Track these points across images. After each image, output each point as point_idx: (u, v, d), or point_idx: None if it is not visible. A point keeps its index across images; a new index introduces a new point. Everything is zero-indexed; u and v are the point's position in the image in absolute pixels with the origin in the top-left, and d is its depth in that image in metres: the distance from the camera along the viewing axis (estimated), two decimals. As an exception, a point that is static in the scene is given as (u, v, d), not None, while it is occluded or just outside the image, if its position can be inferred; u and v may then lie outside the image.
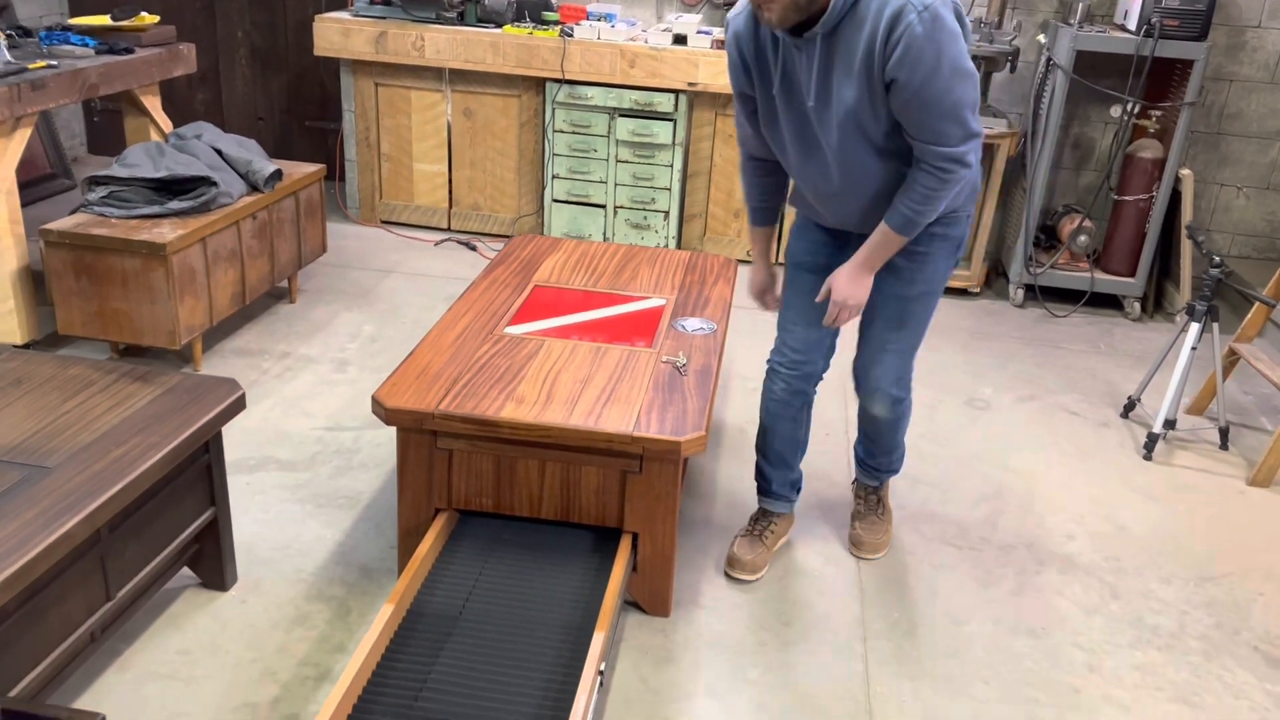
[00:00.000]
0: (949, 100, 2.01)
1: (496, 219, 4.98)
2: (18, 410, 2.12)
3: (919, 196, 2.13)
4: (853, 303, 2.30)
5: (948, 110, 2.02)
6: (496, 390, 2.36)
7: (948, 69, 1.98)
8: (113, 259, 3.16)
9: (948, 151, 2.06)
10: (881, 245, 2.23)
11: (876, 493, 2.78)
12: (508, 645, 2.05)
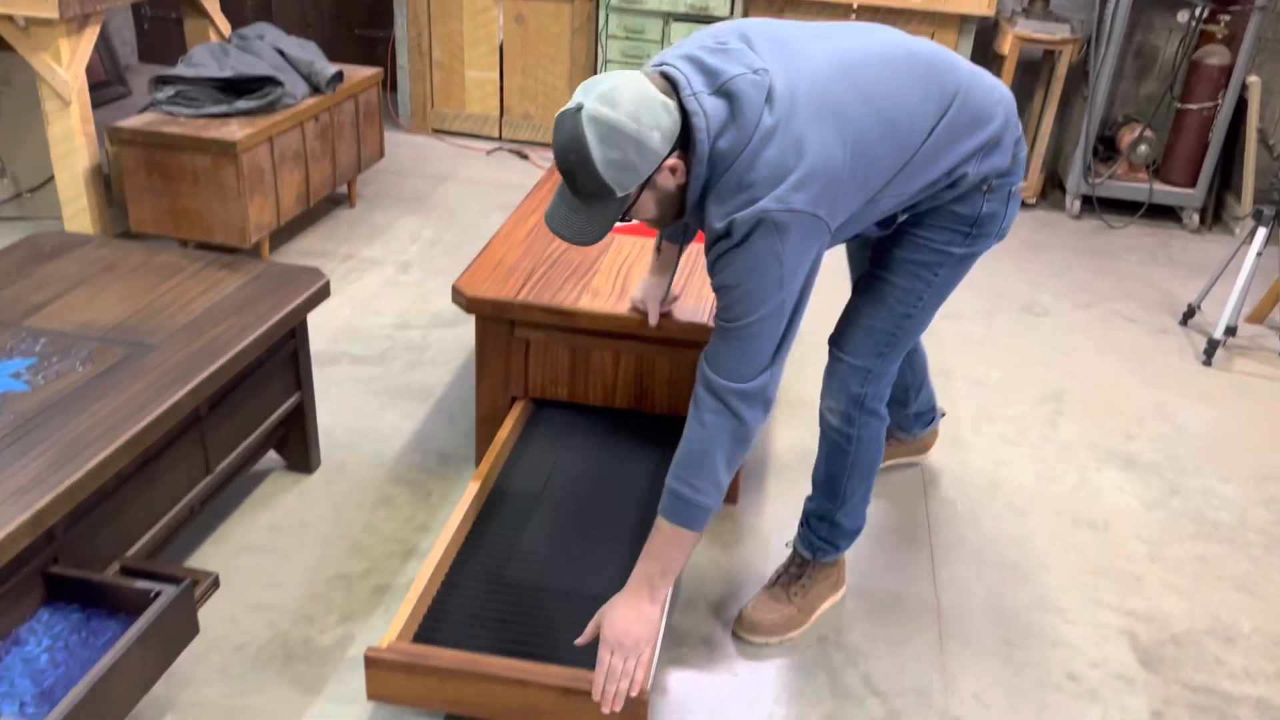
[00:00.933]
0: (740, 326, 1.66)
1: (548, 128, 4.97)
2: (114, 293, 2.18)
3: (679, 455, 1.69)
4: (628, 639, 1.66)
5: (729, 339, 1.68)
6: (572, 283, 2.40)
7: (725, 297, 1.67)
8: (184, 157, 3.21)
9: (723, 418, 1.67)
10: (656, 549, 1.71)
11: (803, 566, 2.13)
12: (588, 524, 2.13)
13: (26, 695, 1.52)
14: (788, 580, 2.13)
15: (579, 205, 1.62)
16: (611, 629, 1.68)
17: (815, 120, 1.62)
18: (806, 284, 1.69)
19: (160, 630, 1.60)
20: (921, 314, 1.96)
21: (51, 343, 1.97)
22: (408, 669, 1.70)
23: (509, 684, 1.68)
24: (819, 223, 1.64)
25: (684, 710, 1.91)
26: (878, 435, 2.05)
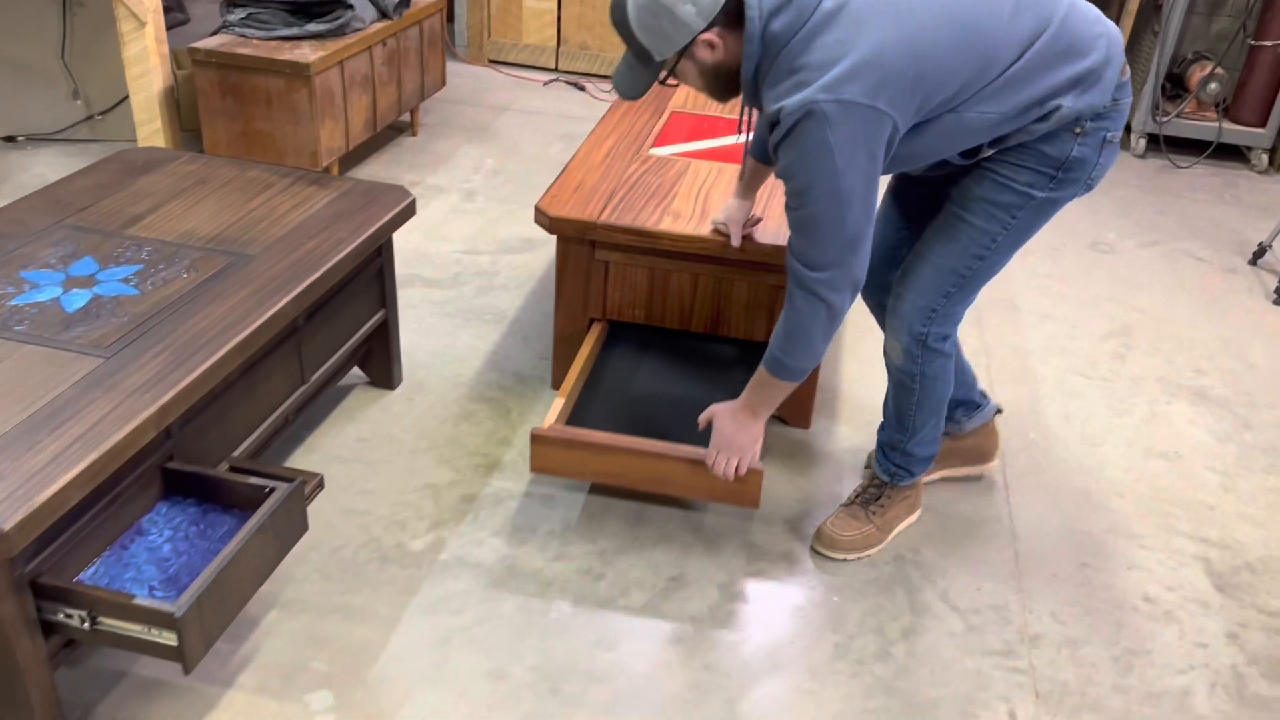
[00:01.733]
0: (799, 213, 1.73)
1: (605, 59, 4.94)
2: (209, 206, 2.23)
3: (780, 327, 1.81)
4: (733, 452, 1.92)
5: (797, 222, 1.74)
6: (652, 205, 2.41)
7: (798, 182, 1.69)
8: (258, 79, 3.24)
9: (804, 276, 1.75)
10: (759, 387, 1.88)
11: (881, 488, 2.18)
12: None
13: (154, 580, 1.59)
14: (866, 500, 2.17)
15: (631, 61, 1.75)
16: (720, 435, 1.93)
17: (878, 11, 1.62)
18: (870, 174, 1.68)
19: (275, 524, 1.67)
20: (994, 256, 1.91)
21: (155, 251, 2.02)
22: (565, 444, 2.04)
23: (647, 457, 2.01)
24: (879, 115, 1.62)
25: (767, 622, 1.96)
26: (944, 371, 2.04)
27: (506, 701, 1.76)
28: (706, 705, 1.78)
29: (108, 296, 1.86)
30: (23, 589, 1.45)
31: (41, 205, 2.18)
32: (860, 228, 1.70)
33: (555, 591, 2.00)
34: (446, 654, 1.84)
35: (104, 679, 1.74)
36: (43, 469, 1.44)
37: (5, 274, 1.91)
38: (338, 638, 1.85)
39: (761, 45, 1.66)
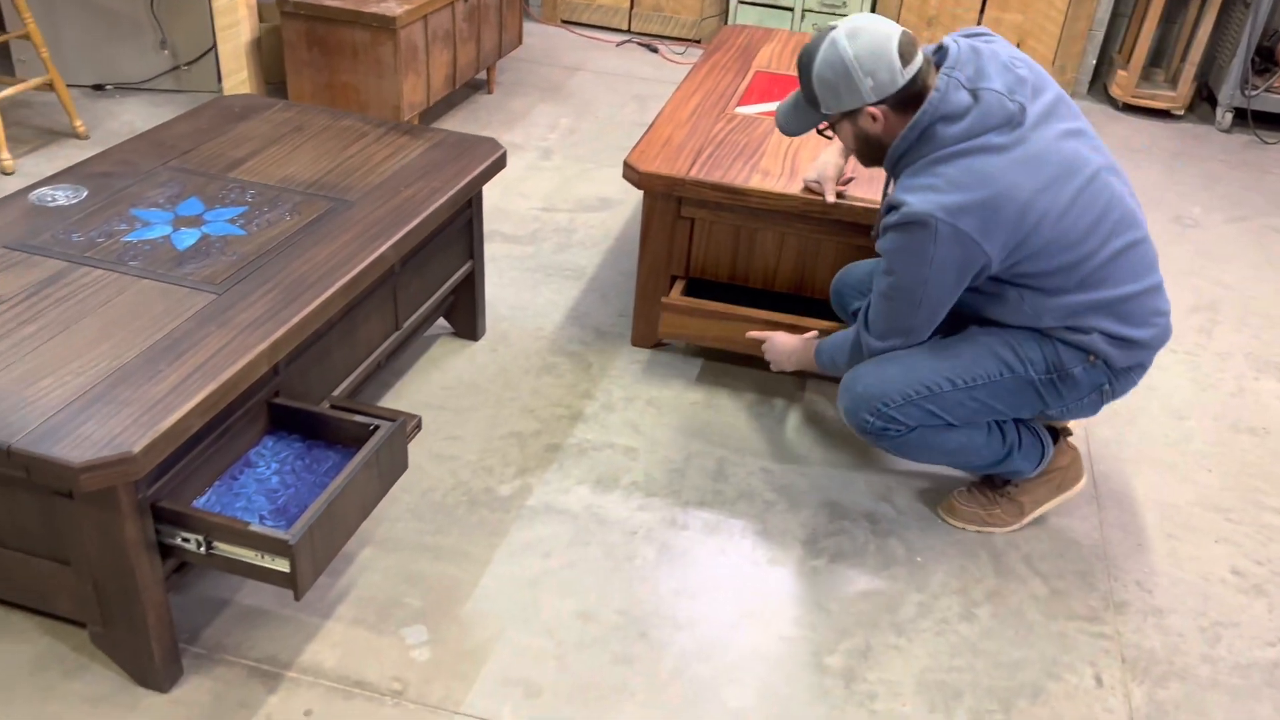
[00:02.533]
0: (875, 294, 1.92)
1: (678, 21, 4.91)
2: (307, 152, 2.27)
3: (839, 339, 2.05)
4: (771, 361, 2.26)
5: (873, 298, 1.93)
6: (740, 163, 2.41)
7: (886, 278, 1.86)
8: (344, 31, 3.27)
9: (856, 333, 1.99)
10: (807, 348, 2.17)
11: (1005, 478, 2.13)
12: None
13: (264, 510, 1.64)
14: (995, 482, 2.12)
15: (799, 101, 1.90)
16: (773, 345, 2.25)
17: (1033, 173, 1.74)
18: (950, 293, 1.83)
19: (379, 461, 1.71)
20: (962, 395, 1.90)
21: (259, 194, 2.06)
22: (690, 311, 2.40)
23: (762, 323, 2.34)
24: (982, 253, 1.75)
25: (850, 580, 1.97)
26: (916, 437, 1.96)
27: (595, 642, 1.80)
28: (793, 657, 1.80)
29: (216, 236, 1.90)
30: (144, 512, 1.51)
31: (146, 148, 2.23)
32: (920, 326, 1.89)
33: (639, 540, 2.02)
34: (536, 595, 1.88)
35: (209, 606, 1.80)
36: (165, 397, 1.49)
37: (118, 212, 1.96)
38: (430, 575, 1.90)
39: (919, 138, 1.78)
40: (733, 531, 2.07)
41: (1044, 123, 1.78)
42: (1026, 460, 2.05)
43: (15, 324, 1.62)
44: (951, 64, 1.77)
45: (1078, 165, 1.79)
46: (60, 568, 1.57)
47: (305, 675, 1.69)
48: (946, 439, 1.97)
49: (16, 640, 1.70)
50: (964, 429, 1.97)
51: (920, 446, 1.98)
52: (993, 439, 1.99)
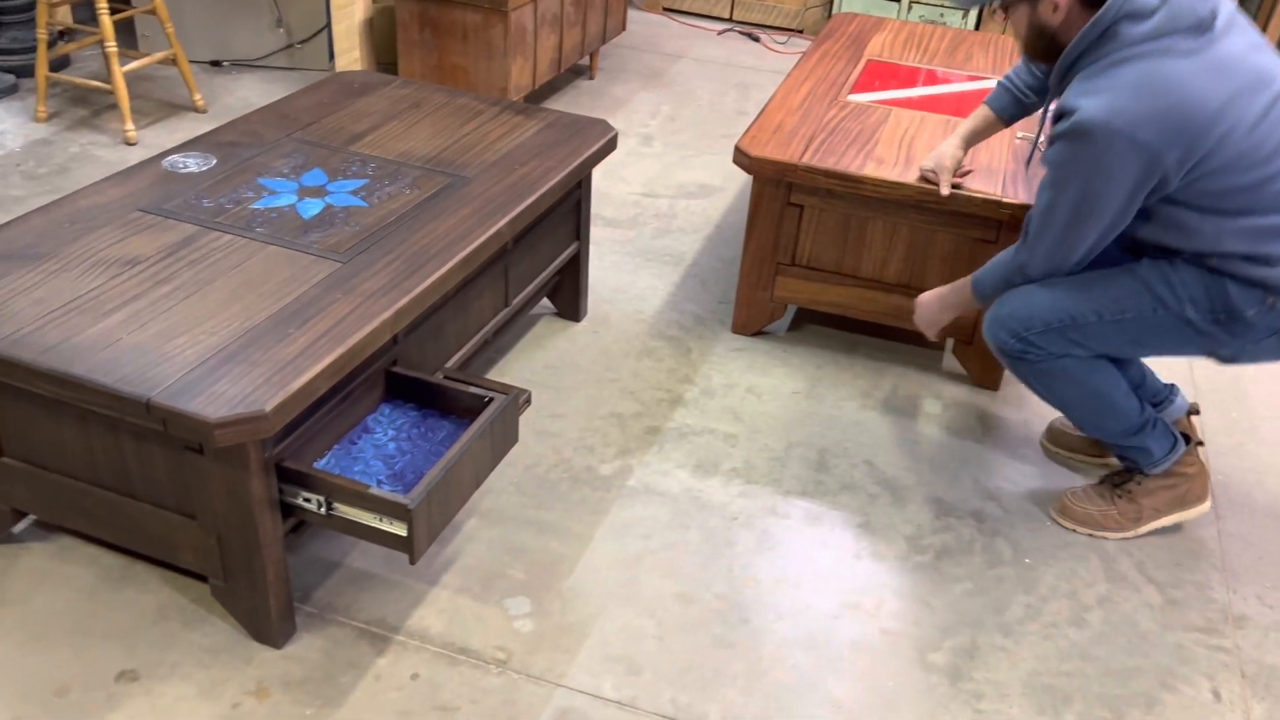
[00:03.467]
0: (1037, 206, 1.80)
1: (780, 10, 4.87)
2: (424, 128, 2.30)
3: (996, 265, 1.94)
4: (923, 321, 2.14)
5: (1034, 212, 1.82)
6: (854, 150, 2.38)
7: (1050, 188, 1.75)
8: (456, 13, 3.31)
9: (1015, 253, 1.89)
10: (960, 288, 2.03)
11: (1129, 474, 2.06)
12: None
13: (381, 475, 1.68)
14: (1116, 480, 2.07)
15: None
16: (920, 306, 2.15)
17: (1222, 82, 1.63)
18: (1120, 213, 1.71)
19: (493, 432, 1.73)
20: (1109, 328, 1.82)
21: (380, 168, 2.10)
22: (806, 275, 2.46)
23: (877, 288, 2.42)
24: (1160, 166, 1.64)
25: (956, 578, 1.94)
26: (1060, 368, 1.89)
27: (696, 625, 1.79)
28: (897, 651, 1.78)
29: (339, 206, 1.94)
30: (269, 470, 1.55)
31: (272, 119, 2.29)
32: (1086, 247, 1.78)
33: (740, 526, 2.01)
34: (637, 574, 1.88)
35: (320, 567, 1.85)
36: (294, 359, 1.52)
37: (245, 180, 2.01)
38: (533, 549, 1.92)
39: (1100, 36, 1.67)
40: (834, 523, 2.04)
41: (1232, 32, 1.67)
42: (1157, 443, 1.98)
43: (152, 284, 1.67)
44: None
45: (1269, 78, 1.67)
46: (186, 521, 1.62)
47: (412, 639, 1.72)
48: (1088, 377, 1.89)
49: (141, 590, 1.76)
50: (1106, 375, 1.90)
51: (1059, 377, 1.90)
52: (1132, 401, 1.93)
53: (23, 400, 1.61)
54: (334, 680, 1.64)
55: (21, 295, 1.62)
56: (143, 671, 1.63)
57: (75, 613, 1.71)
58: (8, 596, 1.73)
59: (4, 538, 1.83)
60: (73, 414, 1.59)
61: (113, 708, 1.57)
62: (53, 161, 3.20)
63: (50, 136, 3.34)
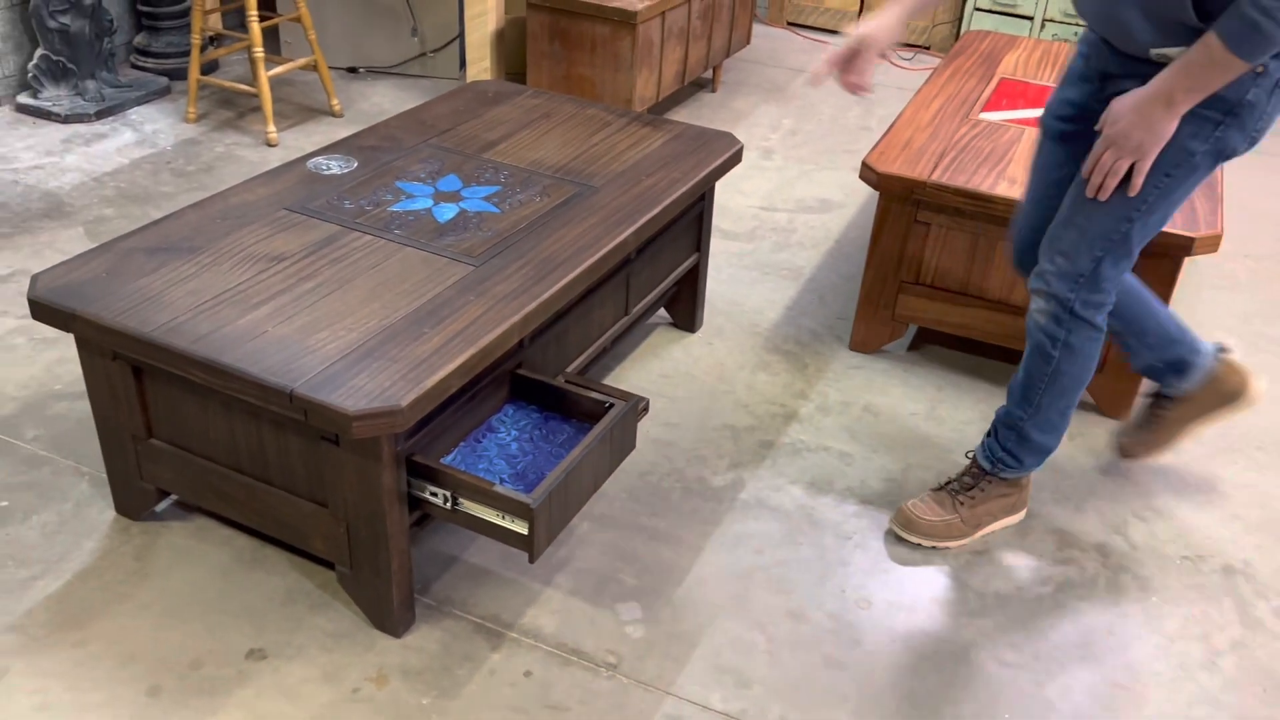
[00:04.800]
0: None
1: (908, 27, 4.80)
2: (555, 138, 2.35)
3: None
4: (1128, 141, 1.60)
5: None
6: (985, 169, 2.33)
7: None
8: (585, 25, 3.37)
9: None
10: (1198, 67, 1.51)
11: (978, 478, 2.01)
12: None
13: (504, 474, 1.71)
14: (958, 488, 2.01)
15: None
16: (1115, 126, 1.62)
17: None
18: None
19: (613, 437, 1.75)
20: (1145, 218, 1.71)
21: (511, 175, 2.15)
22: (929, 295, 2.44)
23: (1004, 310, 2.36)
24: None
25: (1078, 612, 1.88)
26: (1088, 347, 1.84)
27: (807, 643, 1.78)
28: (1014, 684, 1.73)
29: (473, 212, 2.00)
30: (400, 464, 1.60)
31: (410, 125, 2.36)
32: None
33: (853, 547, 1.99)
34: (747, 588, 1.88)
35: (439, 561, 1.89)
36: (428, 358, 1.57)
37: (384, 183, 2.09)
38: (645, 556, 1.93)
39: None
40: (951, 549, 2.00)
41: None
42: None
43: (297, 279, 1.75)
44: None
45: None
46: (318, 509, 1.68)
47: (526, 637, 1.75)
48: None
49: (270, 572, 1.84)
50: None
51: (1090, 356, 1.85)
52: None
53: (174, 385, 1.71)
54: (450, 672, 1.68)
55: (177, 286, 1.71)
56: (270, 651, 1.70)
57: (210, 590, 1.80)
58: (149, 570, 1.83)
59: (147, 515, 1.93)
60: (219, 400, 1.67)
61: (242, 683, 1.64)
62: (200, 160, 3.37)
63: (198, 136, 3.52)
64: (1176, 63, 1.55)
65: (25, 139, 3.41)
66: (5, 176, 3.17)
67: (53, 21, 3.45)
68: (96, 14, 3.54)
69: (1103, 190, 1.68)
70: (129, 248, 1.81)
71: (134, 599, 1.77)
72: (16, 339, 2.43)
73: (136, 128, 3.55)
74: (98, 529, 1.91)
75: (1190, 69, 1.53)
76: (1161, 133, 1.59)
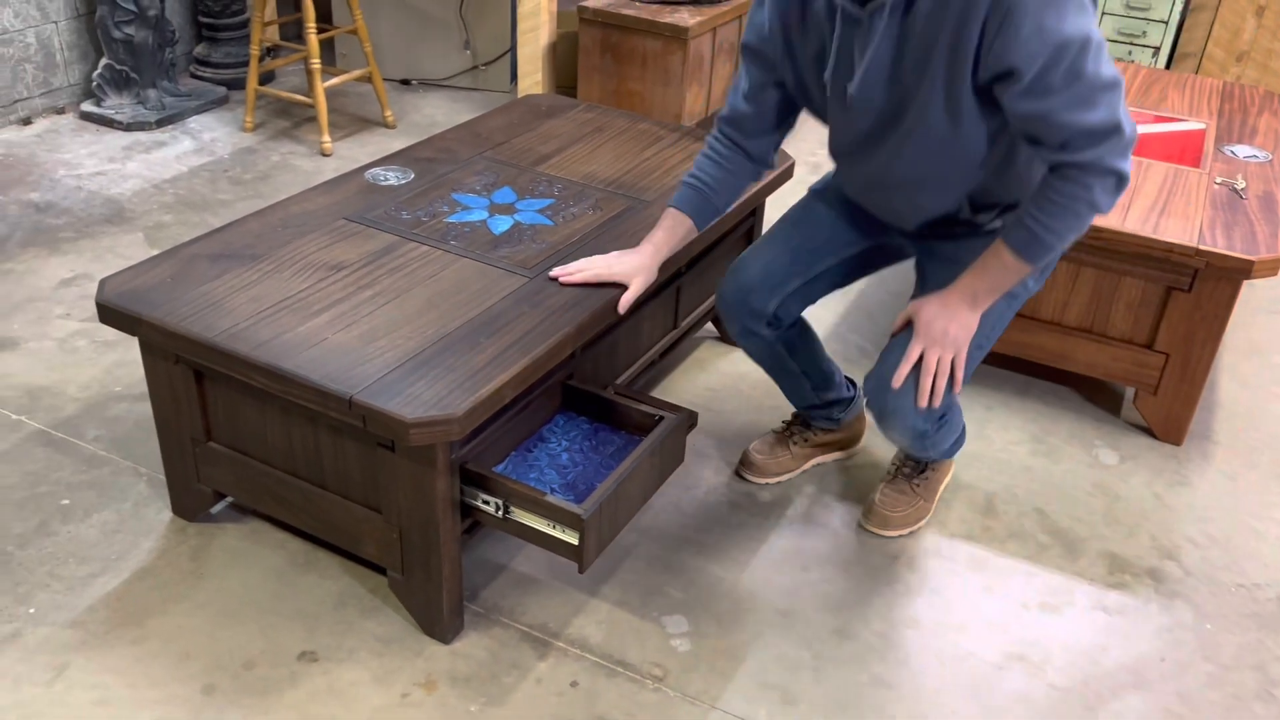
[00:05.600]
0: (1079, 83, 1.45)
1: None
2: (607, 151, 2.37)
3: (1051, 209, 1.53)
4: (946, 339, 1.68)
5: (1078, 95, 1.46)
6: (1038, 189, 2.32)
7: (1074, 42, 1.43)
8: (636, 39, 3.40)
9: (1089, 156, 1.48)
10: (993, 272, 1.64)
11: (922, 465, 2.07)
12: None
13: (555, 484, 1.73)
14: (910, 473, 2.07)
15: None
16: (929, 328, 1.69)
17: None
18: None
19: (662, 450, 1.76)
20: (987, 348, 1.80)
21: (565, 189, 2.18)
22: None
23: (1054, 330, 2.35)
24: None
25: (1130, 637, 1.85)
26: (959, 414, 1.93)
27: (854, 661, 1.77)
28: (1065, 708, 1.71)
29: (527, 224, 2.02)
30: (454, 471, 1.62)
31: (465, 138, 2.40)
32: (1119, 76, 1.49)
33: (903, 566, 1.98)
34: (794, 605, 1.88)
35: (488, 568, 1.91)
36: (484, 367, 1.59)
37: (440, 195, 2.12)
38: (691, 569, 1.94)
39: None
40: (1001, 570, 1.99)
41: None
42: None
43: (355, 288, 1.78)
44: None
45: None
46: (371, 514, 1.71)
47: (573, 647, 1.76)
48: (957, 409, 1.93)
49: (323, 576, 1.87)
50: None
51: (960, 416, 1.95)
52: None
53: (234, 389, 1.74)
54: (498, 680, 1.70)
55: (239, 292, 1.75)
56: (322, 654, 1.72)
57: (263, 592, 1.83)
58: (205, 571, 1.87)
59: (203, 517, 1.97)
60: (277, 405, 1.70)
61: (294, 685, 1.67)
62: (256, 169, 3.43)
63: (255, 145, 3.59)
64: (975, 268, 1.67)
65: (89, 145, 3.50)
66: (69, 182, 3.25)
67: (117, 32, 3.54)
68: (160, 25, 3.63)
69: (935, 395, 1.72)
70: (193, 254, 1.86)
71: (190, 599, 1.81)
72: (79, 341, 2.49)
73: (195, 136, 3.62)
74: (155, 529, 1.95)
75: (987, 274, 1.66)
76: (971, 327, 1.70)
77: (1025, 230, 1.58)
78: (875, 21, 1.53)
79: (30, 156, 3.41)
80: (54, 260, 2.83)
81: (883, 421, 1.82)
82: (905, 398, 1.74)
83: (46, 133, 3.58)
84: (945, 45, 1.49)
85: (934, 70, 1.52)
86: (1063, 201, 1.53)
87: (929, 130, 1.59)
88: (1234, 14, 4.24)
